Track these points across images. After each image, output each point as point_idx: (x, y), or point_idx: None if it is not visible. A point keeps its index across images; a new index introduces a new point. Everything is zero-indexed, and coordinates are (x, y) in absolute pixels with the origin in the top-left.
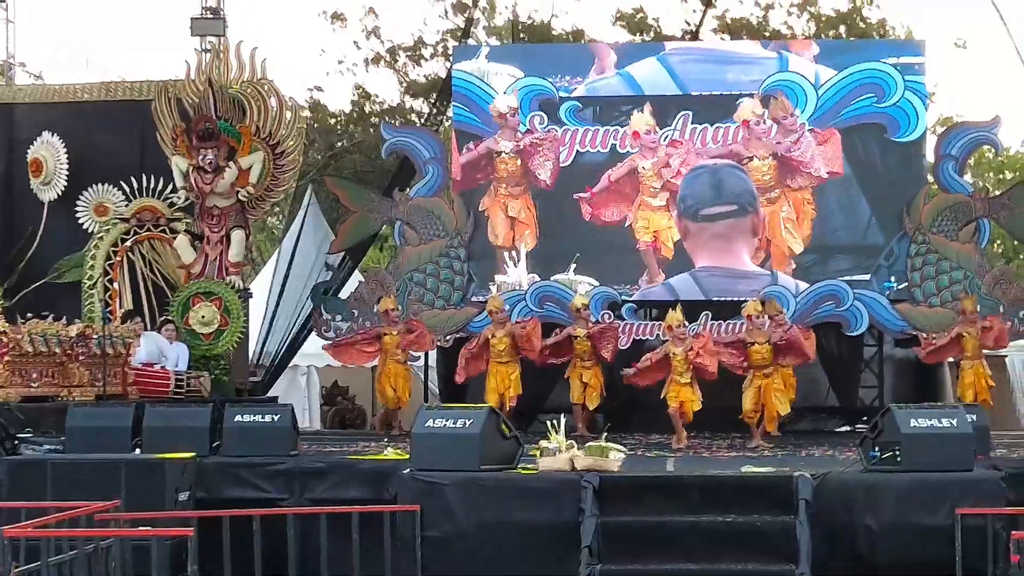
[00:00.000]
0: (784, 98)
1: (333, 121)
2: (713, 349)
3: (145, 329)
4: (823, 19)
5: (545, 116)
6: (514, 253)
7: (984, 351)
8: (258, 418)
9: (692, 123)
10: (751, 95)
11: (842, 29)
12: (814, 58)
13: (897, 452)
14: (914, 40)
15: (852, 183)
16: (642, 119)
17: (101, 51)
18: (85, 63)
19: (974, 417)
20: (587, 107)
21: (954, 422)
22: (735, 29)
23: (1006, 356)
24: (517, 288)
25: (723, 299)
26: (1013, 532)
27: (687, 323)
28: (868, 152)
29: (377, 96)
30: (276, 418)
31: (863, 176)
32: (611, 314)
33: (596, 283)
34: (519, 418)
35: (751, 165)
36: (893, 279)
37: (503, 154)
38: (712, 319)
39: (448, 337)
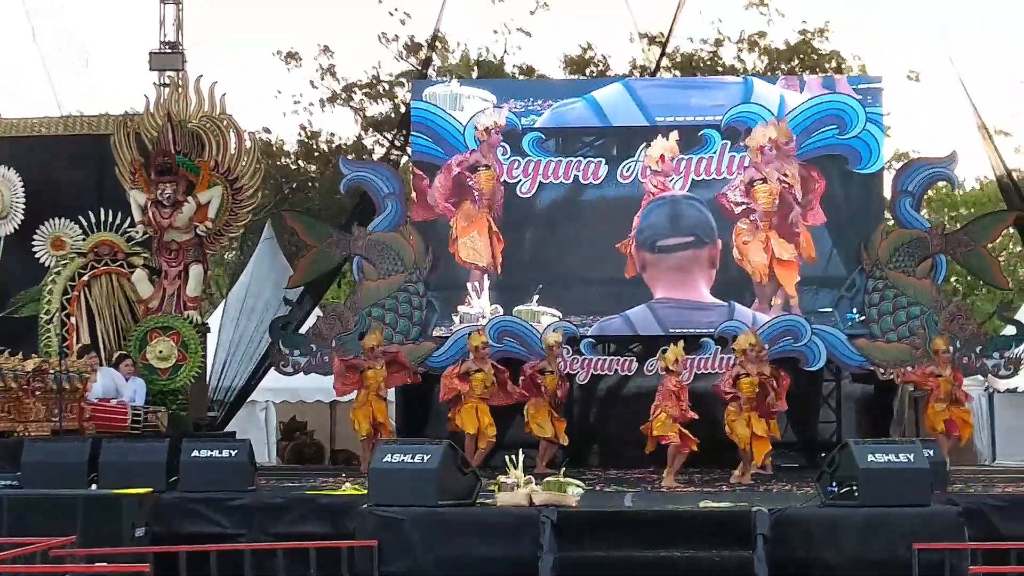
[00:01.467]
0: (785, 125)
1: (288, 161)
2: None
3: (101, 364)
4: (775, 52)
5: (508, 147)
6: (477, 284)
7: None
8: (215, 453)
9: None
10: (716, 126)
11: (795, 63)
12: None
13: (855, 487)
14: (871, 76)
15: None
16: (663, 145)
17: (60, 85)
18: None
19: (931, 452)
20: (550, 138)
21: (911, 457)
22: (687, 66)
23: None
24: (480, 319)
25: (679, 331)
26: (971, 567)
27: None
28: (830, 183)
29: (334, 134)
30: (234, 453)
31: (825, 207)
32: (569, 349)
33: (559, 315)
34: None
35: (759, 188)
36: (855, 311)
37: (490, 168)
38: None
39: None
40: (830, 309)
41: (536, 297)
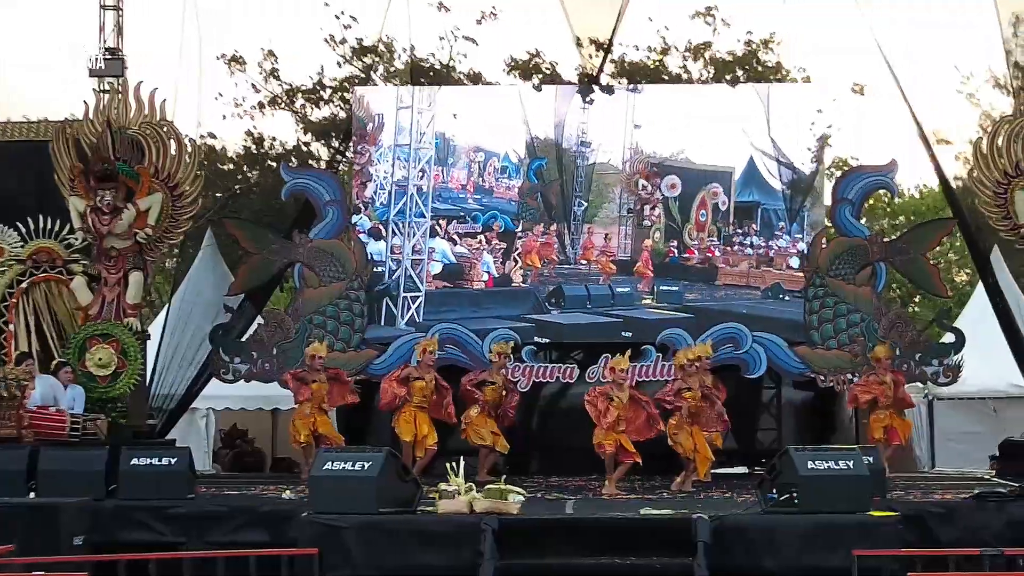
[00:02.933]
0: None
1: (231, 167)
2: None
3: (40, 371)
4: (721, 63)
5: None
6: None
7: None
8: (155, 461)
9: None
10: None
11: (740, 73)
12: None
13: (795, 494)
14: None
15: None
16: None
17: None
18: None
19: (871, 460)
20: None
21: (851, 464)
22: (632, 74)
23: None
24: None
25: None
26: (909, 573)
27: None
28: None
29: (275, 138)
30: (173, 461)
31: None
32: (511, 357)
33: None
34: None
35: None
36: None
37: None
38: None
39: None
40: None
41: None
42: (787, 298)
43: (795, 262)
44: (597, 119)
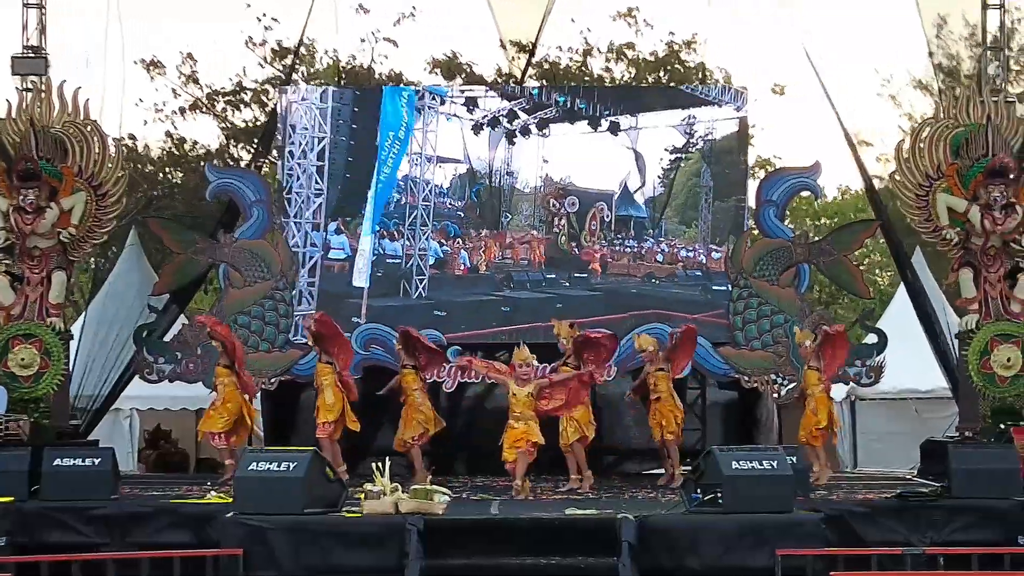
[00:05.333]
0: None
1: (150, 168)
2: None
3: None
4: (642, 63)
5: None
6: None
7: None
8: (78, 462)
9: None
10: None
11: (662, 74)
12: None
13: (719, 494)
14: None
15: None
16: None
17: None
18: None
19: (794, 459)
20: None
21: (775, 464)
22: (555, 78)
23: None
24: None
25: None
26: (832, 572)
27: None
28: None
29: (196, 141)
30: (97, 462)
31: None
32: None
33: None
34: (345, 460)
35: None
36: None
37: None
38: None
39: (273, 380)
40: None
41: None
42: (657, 281)
43: (660, 257)
44: (517, 154)
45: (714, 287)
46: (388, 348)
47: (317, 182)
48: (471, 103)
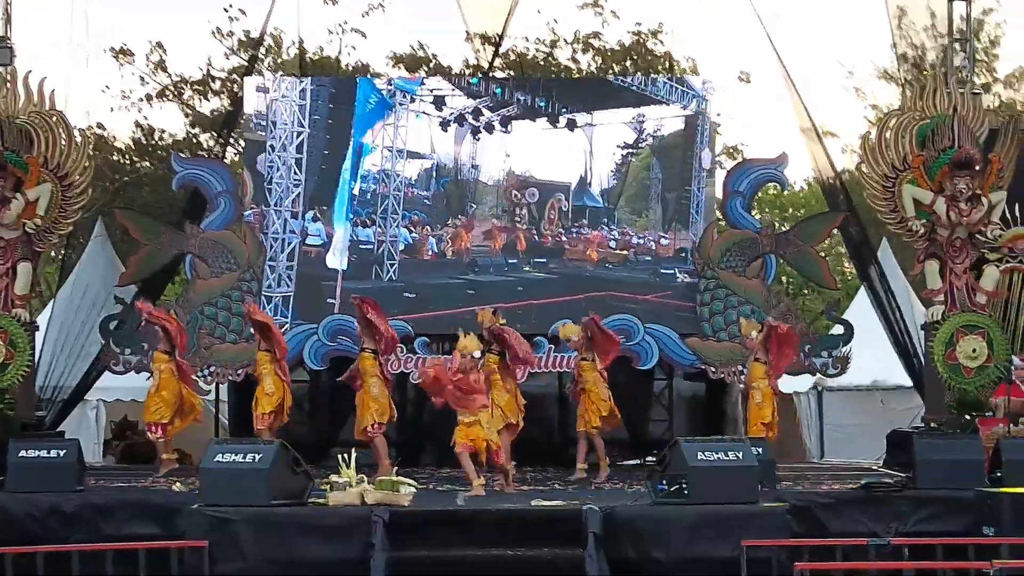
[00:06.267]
0: None
1: (120, 158)
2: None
3: None
4: (609, 53)
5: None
6: None
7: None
8: (43, 453)
9: None
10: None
11: (628, 64)
12: None
13: (684, 485)
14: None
15: None
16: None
17: None
18: None
19: (760, 450)
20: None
21: (740, 455)
22: (521, 67)
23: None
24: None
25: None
26: (797, 563)
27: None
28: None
29: (164, 130)
30: (62, 453)
31: None
32: (403, 348)
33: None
34: (311, 452)
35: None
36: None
37: None
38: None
39: (239, 371)
40: None
41: None
42: (610, 266)
43: (612, 244)
44: (482, 149)
45: (662, 271)
46: (354, 339)
47: (296, 173)
48: (439, 102)
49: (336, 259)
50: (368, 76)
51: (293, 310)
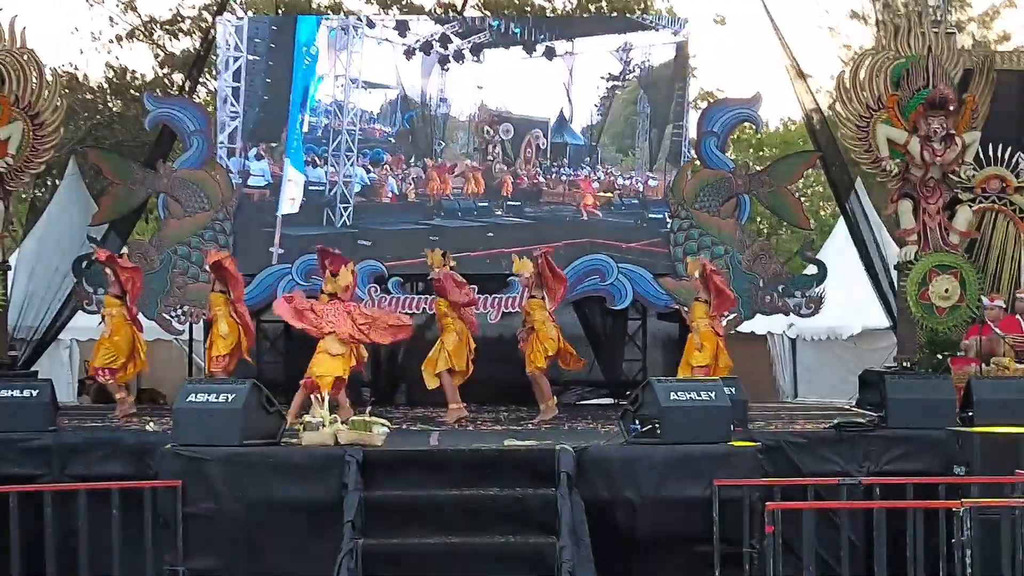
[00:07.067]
0: None
1: (90, 97)
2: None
3: None
4: None
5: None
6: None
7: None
8: (15, 393)
9: None
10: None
11: (603, 3)
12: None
13: (657, 425)
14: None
15: None
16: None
17: None
18: None
19: (733, 391)
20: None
21: (712, 395)
22: (496, 7)
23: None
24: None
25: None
26: (768, 503)
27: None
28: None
29: (135, 70)
30: (34, 393)
31: None
32: (377, 288)
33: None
34: (285, 392)
35: None
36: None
37: None
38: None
39: None
40: None
41: None
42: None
43: (596, 185)
44: (451, 81)
45: (650, 215)
46: None
47: (232, 104)
48: (402, 27)
49: (285, 203)
50: (343, 14)
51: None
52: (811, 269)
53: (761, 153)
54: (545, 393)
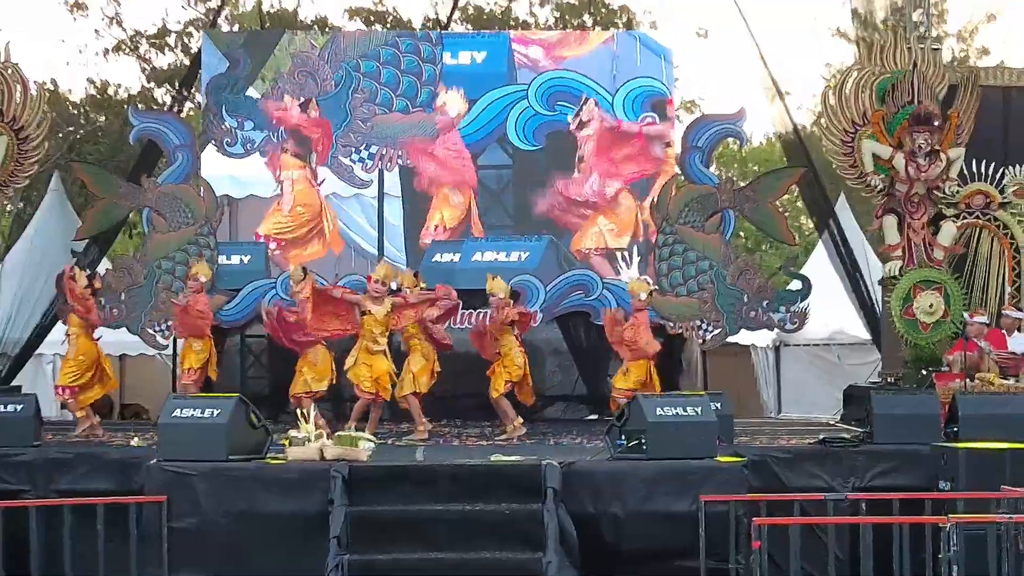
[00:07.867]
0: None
1: (74, 111)
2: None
3: None
4: (567, 7)
5: None
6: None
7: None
8: (0, 408)
9: None
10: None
11: (587, 17)
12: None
13: (643, 440)
14: None
15: None
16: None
17: None
18: None
19: (719, 405)
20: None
21: (698, 411)
22: (479, 21)
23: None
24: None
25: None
26: (754, 518)
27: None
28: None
29: (120, 84)
30: (19, 408)
31: None
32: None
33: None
34: (271, 407)
35: None
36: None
37: None
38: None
39: None
40: None
41: None
42: None
43: None
44: None
45: None
46: None
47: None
48: None
49: None
50: (328, 30)
51: None
52: (795, 284)
53: (744, 169)
54: (509, 415)
